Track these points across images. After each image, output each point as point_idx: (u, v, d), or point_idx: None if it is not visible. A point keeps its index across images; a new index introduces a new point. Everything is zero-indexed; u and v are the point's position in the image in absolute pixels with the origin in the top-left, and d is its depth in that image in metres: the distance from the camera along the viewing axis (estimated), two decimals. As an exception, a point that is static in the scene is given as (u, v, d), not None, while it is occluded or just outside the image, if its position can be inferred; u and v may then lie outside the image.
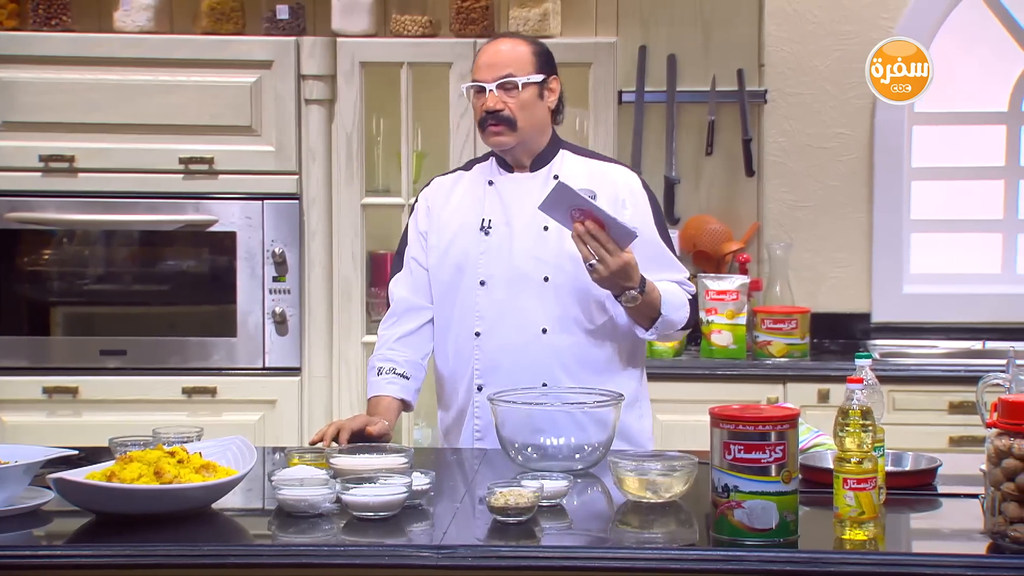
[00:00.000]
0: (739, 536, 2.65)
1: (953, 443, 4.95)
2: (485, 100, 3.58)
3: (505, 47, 3.62)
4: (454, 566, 2.63)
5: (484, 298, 3.60)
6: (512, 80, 3.57)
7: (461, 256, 3.64)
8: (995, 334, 5.46)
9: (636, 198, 3.65)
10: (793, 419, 2.69)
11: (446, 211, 3.71)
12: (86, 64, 5.13)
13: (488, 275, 3.60)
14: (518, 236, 3.60)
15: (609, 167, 3.71)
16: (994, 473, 2.62)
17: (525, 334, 3.57)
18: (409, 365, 3.65)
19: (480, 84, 3.59)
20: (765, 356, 5.19)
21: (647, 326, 3.57)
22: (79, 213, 5.16)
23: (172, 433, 3.23)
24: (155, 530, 2.74)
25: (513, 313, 3.58)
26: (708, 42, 5.57)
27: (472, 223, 3.66)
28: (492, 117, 3.57)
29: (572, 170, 3.64)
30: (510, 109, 3.57)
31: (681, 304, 3.62)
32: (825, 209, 5.59)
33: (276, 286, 5.15)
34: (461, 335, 3.63)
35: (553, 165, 3.67)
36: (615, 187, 3.64)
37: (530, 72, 3.59)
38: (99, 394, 5.14)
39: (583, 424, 3.27)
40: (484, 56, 3.62)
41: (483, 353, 3.60)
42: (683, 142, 5.57)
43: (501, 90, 3.56)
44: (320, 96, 5.15)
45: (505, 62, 3.58)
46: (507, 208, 3.64)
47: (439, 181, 3.81)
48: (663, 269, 3.63)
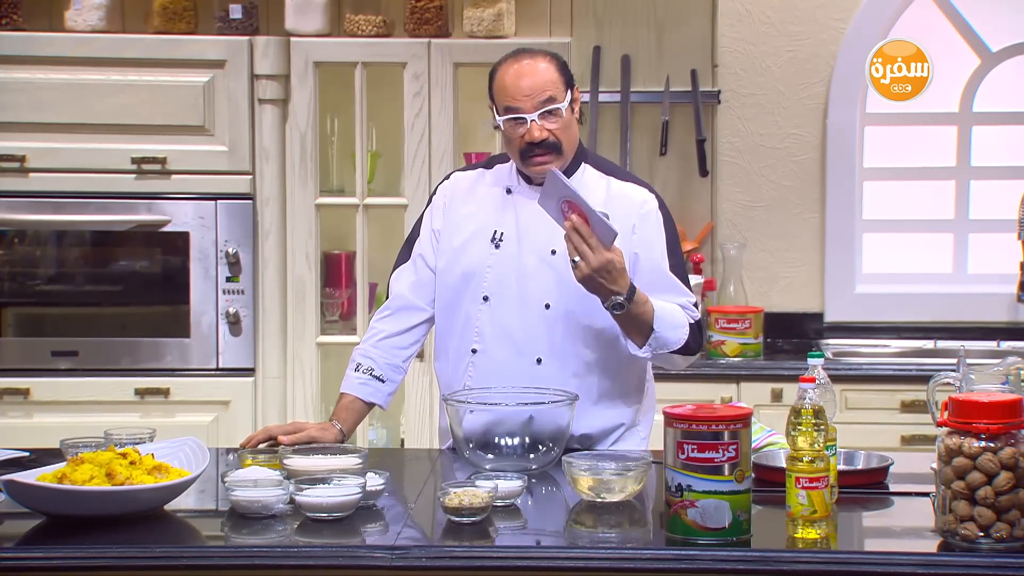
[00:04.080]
0: (692, 535, 2.66)
1: (905, 442, 4.98)
2: (528, 130, 3.41)
3: (541, 67, 3.43)
4: (408, 567, 2.63)
5: (485, 315, 3.52)
6: (556, 107, 3.41)
7: (469, 265, 3.54)
8: (946, 333, 5.50)
9: (649, 219, 3.53)
10: (746, 418, 2.70)
11: (461, 213, 3.60)
12: (37, 63, 5.09)
13: (492, 292, 3.51)
14: (526, 256, 3.50)
15: (627, 187, 3.57)
16: (945, 472, 2.64)
17: (520, 361, 3.49)
18: (388, 368, 3.58)
19: (520, 115, 3.41)
20: (719, 356, 5.21)
21: (640, 342, 3.42)
22: (30, 213, 5.13)
23: (124, 434, 3.22)
24: (107, 532, 2.73)
25: (511, 336, 3.49)
26: (662, 43, 5.59)
27: (484, 232, 3.55)
28: (539, 147, 3.42)
29: (590, 188, 3.50)
30: (555, 135, 3.43)
31: (678, 324, 3.45)
32: (778, 209, 5.62)
33: (230, 286, 5.13)
34: (460, 348, 3.56)
35: (573, 181, 3.48)
36: (629, 207, 3.52)
37: (564, 90, 3.44)
38: (50, 395, 5.10)
39: (537, 424, 3.27)
40: (517, 80, 3.41)
41: (477, 372, 3.52)
42: (637, 142, 5.58)
43: (542, 117, 3.41)
44: (274, 96, 5.13)
45: (544, 86, 3.41)
46: (520, 223, 3.52)
47: (458, 177, 3.67)
48: (664, 291, 3.49)
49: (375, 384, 3.57)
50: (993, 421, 2.59)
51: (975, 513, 2.60)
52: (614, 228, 3.27)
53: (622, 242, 3.33)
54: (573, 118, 3.48)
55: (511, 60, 3.47)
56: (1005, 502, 2.59)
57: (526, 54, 3.48)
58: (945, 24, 5.62)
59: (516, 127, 3.42)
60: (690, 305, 3.53)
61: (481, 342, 3.53)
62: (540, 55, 3.47)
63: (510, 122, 3.43)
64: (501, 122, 3.44)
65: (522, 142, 3.42)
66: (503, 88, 3.44)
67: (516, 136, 3.43)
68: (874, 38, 5.44)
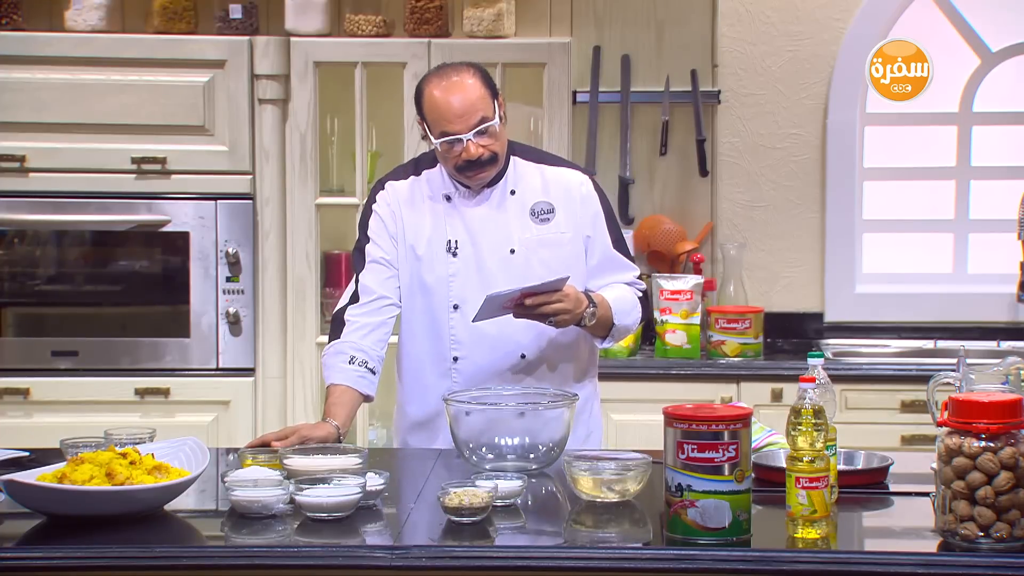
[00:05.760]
0: (692, 535, 2.66)
1: (905, 442, 4.98)
2: (464, 148, 3.49)
3: (469, 83, 3.50)
4: (408, 567, 2.63)
5: (459, 322, 3.59)
6: (488, 125, 3.49)
7: (430, 276, 3.62)
8: (946, 333, 5.50)
9: (588, 201, 3.68)
10: (746, 418, 2.70)
11: (409, 223, 3.65)
12: (37, 63, 5.09)
13: (461, 299, 3.59)
14: (487, 260, 3.60)
15: (562, 171, 3.71)
16: (945, 471, 2.64)
17: (506, 360, 3.60)
18: (378, 360, 3.61)
19: (456, 137, 3.48)
20: (719, 356, 5.21)
21: (604, 336, 3.64)
22: (30, 213, 5.13)
23: (124, 434, 3.22)
24: (107, 532, 2.73)
25: (488, 339, 3.58)
26: (662, 42, 5.59)
27: (437, 242, 3.62)
28: (475, 164, 3.52)
29: (526, 181, 3.65)
30: (490, 150, 3.52)
31: (632, 307, 3.67)
32: (778, 209, 5.61)
33: (229, 286, 5.13)
34: (437, 356, 3.63)
35: (508, 178, 3.64)
36: (568, 190, 3.66)
37: (492, 104, 3.52)
38: (50, 395, 5.10)
39: (537, 424, 3.27)
40: (448, 101, 3.48)
41: (462, 376, 3.60)
42: (637, 142, 5.58)
43: (477, 136, 3.49)
44: (274, 96, 5.13)
45: (475, 105, 3.48)
46: (470, 228, 3.62)
47: (395, 187, 3.71)
48: (614, 271, 3.69)
49: (370, 377, 3.59)
50: (993, 421, 2.60)
51: (975, 513, 2.60)
52: (561, 276, 3.45)
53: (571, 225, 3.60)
54: (503, 127, 3.57)
55: (436, 78, 3.55)
56: (1005, 502, 2.59)
57: (451, 69, 3.56)
58: (945, 24, 5.62)
59: (452, 147, 3.51)
60: (635, 279, 3.74)
61: (460, 348, 3.60)
62: (464, 69, 3.54)
63: (446, 144, 3.51)
64: (437, 144, 3.52)
65: (459, 160, 3.52)
66: (434, 109, 3.51)
67: (452, 155, 3.53)
68: (874, 38, 5.44)
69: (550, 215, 3.64)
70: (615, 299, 3.62)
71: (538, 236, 3.62)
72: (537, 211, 3.64)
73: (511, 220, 3.63)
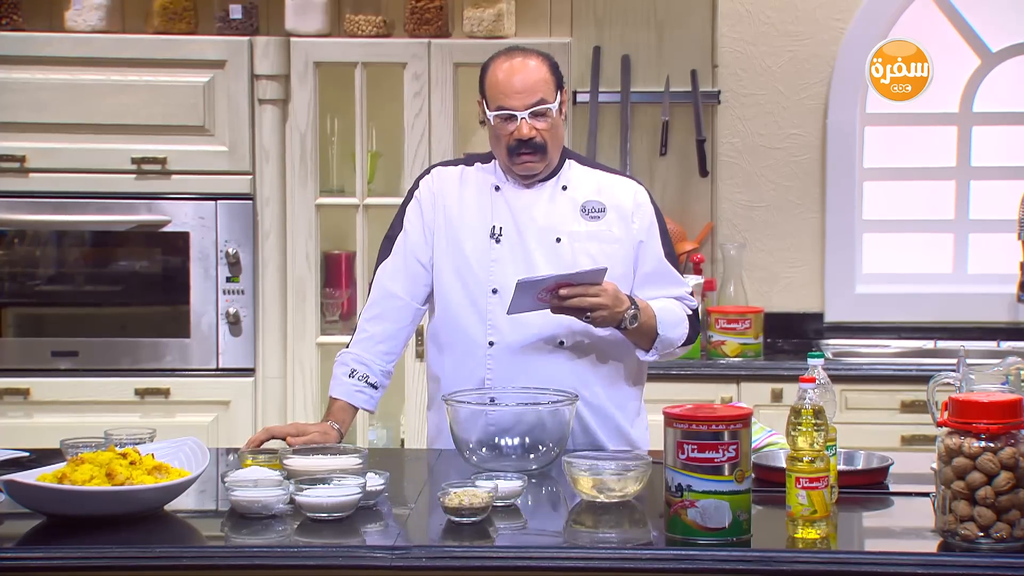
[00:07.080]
0: (692, 535, 2.66)
1: (905, 442, 4.98)
2: (517, 127, 3.45)
3: (532, 65, 3.47)
4: (408, 567, 2.63)
5: (496, 307, 3.50)
6: (546, 107, 3.46)
7: (472, 260, 3.54)
8: (946, 333, 5.50)
9: (643, 211, 3.59)
10: (746, 418, 2.70)
11: (454, 209, 3.59)
12: (37, 63, 5.09)
13: (501, 284, 3.50)
14: (531, 247, 3.52)
15: (616, 179, 3.63)
16: (945, 472, 2.64)
17: (543, 347, 3.50)
18: (382, 375, 3.58)
19: (511, 112, 3.44)
20: (719, 356, 5.21)
21: (647, 347, 3.52)
22: (30, 213, 5.13)
23: (124, 434, 3.22)
24: (107, 532, 2.73)
25: (529, 326, 3.48)
26: (661, 43, 5.59)
27: (481, 227, 3.55)
28: (526, 146, 3.46)
29: (579, 181, 3.58)
30: (542, 136, 3.47)
31: (679, 320, 3.56)
32: (778, 209, 5.62)
33: (230, 287, 5.13)
34: (472, 342, 3.53)
35: (561, 175, 3.57)
36: (622, 199, 3.58)
37: (554, 92, 3.49)
38: (50, 395, 5.11)
39: (538, 424, 3.27)
40: (509, 78, 3.45)
41: (496, 363, 3.51)
42: (637, 142, 5.58)
43: (532, 117, 3.45)
44: (274, 96, 5.13)
45: (535, 86, 3.44)
46: (516, 217, 3.54)
47: (442, 172, 3.66)
48: (664, 284, 3.59)
49: (369, 391, 3.56)
50: (993, 421, 2.60)
51: (975, 513, 2.60)
52: (599, 266, 3.38)
53: (622, 229, 3.49)
54: (561, 120, 3.52)
55: (504, 57, 3.51)
56: (1005, 502, 2.59)
57: (519, 52, 3.53)
58: (945, 24, 5.62)
59: (506, 124, 3.47)
60: (687, 295, 3.63)
61: (497, 334, 3.51)
62: (533, 54, 3.52)
63: (500, 119, 3.47)
64: (491, 117, 3.48)
65: (510, 139, 3.46)
66: (495, 85, 3.48)
67: (505, 133, 3.47)
68: (874, 38, 5.44)
69: (601, 213, 3.55)
70: (661, 308, 3.52)
71: (587, 230, 3.54)
72: (588, 208, 3.55)
73: (560, 211, 3.55)
